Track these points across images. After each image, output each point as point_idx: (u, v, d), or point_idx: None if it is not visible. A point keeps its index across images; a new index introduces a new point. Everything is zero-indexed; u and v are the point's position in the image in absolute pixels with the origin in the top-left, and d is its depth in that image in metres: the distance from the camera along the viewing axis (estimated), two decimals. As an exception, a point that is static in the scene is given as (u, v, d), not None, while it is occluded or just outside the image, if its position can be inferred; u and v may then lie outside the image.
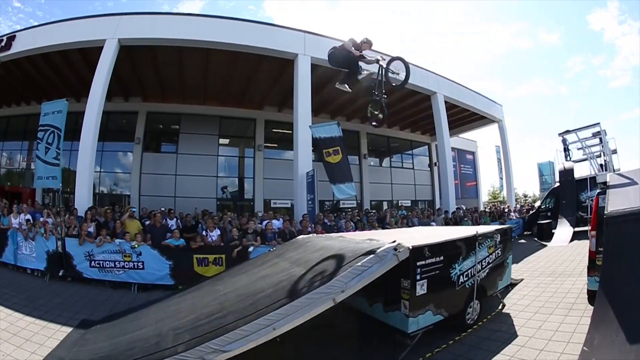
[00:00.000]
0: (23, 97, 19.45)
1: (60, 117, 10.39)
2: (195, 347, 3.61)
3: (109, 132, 14.57)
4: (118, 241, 9.21)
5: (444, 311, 5.13)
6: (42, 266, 9.81)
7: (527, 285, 7.93)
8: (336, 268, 4.36)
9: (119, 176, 18.96)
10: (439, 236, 5.73)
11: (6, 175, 21.17)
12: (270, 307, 3.87)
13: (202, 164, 18.17)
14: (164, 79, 15.74)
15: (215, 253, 9.09)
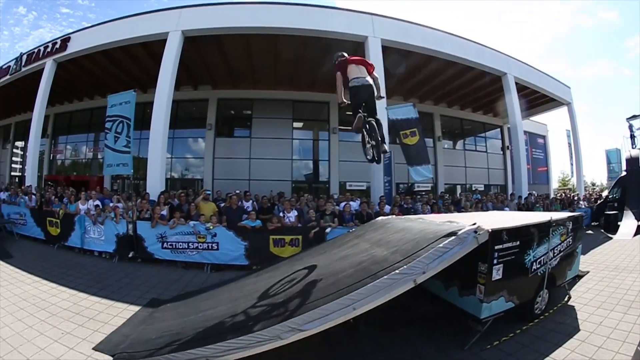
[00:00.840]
0: (86, 92, 20.64)
1: (128, 107, 10.83)
2: (273, 326, 3.58)
3: (179, 120, 15.00)
4: (192, 223, 9.37)
5: (515, 298, 5.02)
6: (111, 248, 10.17)
7: (592, 279, 7.68)
8: (417, 249, 4.22)
9: (190, 161, 19.64)
10: (514, 220, 5.55)
11: (72, 166, 22.83)
12: (352, 287, 3.78)
13: (277, 148, 18.24)
14: (233, 66, 15.89)
15: (292, 234, 9.05)
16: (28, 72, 17.69)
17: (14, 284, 8.07)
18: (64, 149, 23.41)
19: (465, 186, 21.97)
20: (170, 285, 8.00)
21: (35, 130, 16.14)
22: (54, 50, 15.97)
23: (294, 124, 18.98)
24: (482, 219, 5.24)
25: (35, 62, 17.03)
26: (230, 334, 3.76)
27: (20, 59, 18.12)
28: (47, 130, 22.17)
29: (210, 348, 3.68)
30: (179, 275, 8.79)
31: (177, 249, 9.37)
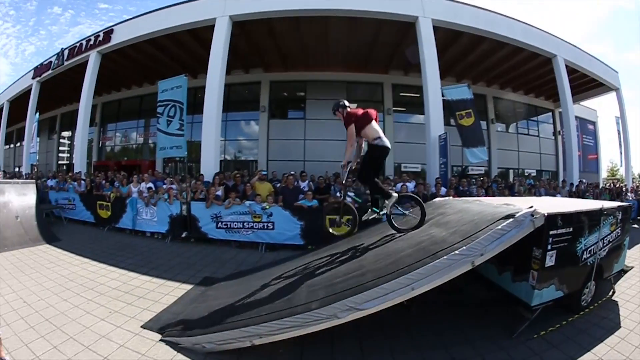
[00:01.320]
0: (134, 80, 21.36)
1: (180, 91, 10.98)
2: (330, 305, 3.55)
3: (232, 103, 15.17)
4: (248, 203, 9.47)
5: (565, 288, 4.85)
6: (164, 229, 10.49)
7: (635, 274, 7.31)
8: (476, 231, 4.12)
9: (243, 143, 19.97)
10: (567, 206, 5.32)
11: (122, 152, 23.66)
12: (412, 267, 3.71)
13: (331, 129, 17.46)
14: (284, 49, 16.04)
15: (347, 214, 8.25)
16: (71, 65, 18.33)
17: (61, 265, 8.18)
18: (113, 136, 24.16)
19: (517, 171, 21.46)
20: (223, 264, 8.04)
21: (82, 119, 16.63)
22: (97, 42, 16.47)
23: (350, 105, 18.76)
24: (537, 204, 5.04)
25: (78, 55, 17.62)
26: (287, 312, 3.75)
27: (61, 54, 18.78)
28: (95, 118, 23.07)
29: (264, 326, 3.69)
30: (233, 255, 8.83)
31: (232, 228, 9.48)
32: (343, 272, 4.47)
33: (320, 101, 18.07)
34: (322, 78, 18.17)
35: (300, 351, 3.98)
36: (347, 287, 3.77)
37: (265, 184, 10.28)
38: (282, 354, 3.93)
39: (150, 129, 21.89)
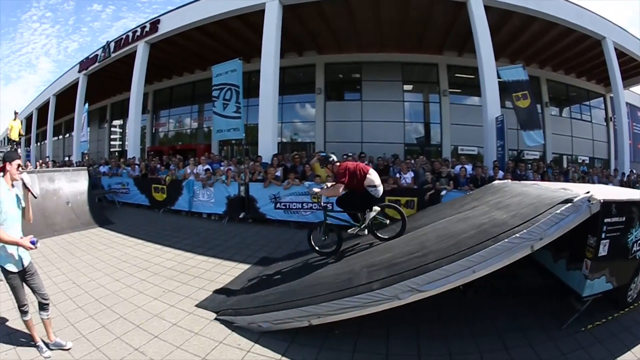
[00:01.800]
0: (185, 68, 21.71)
1: (235, 75, 11.01)
2: (392, 285, 3.49)
3: (287, 86, 15.07)
4: (307, 183, 9.49)
5: (614, 280, 4.53)
6: (221, 210, 10.71)
7: None
8: (535, 214, 3.96)
9: (300, 126, 19.96)
10: (620, 195, 4.98)
11: (175, 137, 24.21)
12: (473, 249, 3.60)
13: (388, 110, 17.84)
14: (336, 30, 15.87)
15: (407, 195, 8.89)
16: (119, 57, 18.87)
17: (114, 247, 8.28)
18: (166, 122, 24.75)
19: (571, 157, 20.74)
20: (281, 245, 8.05)
21: (135, 107, 17.03)
22: (144, 33, 16.87)
23: (404, 86, 18.42)
24: (593, 190, 4.77)
25: (125, 46, 18.11)
26: (348, 292, 3.71)
27: (107, 47, 19.33)
28: (147, 106, 23.63)
29: (324, 306, 3.67)
30: (291, 235, 8.85)
31: (290, 209, 9.61)
32: (404, 252, 4.38)
33: (376, 83, 17.93)
34: (376, 59, 17.84)
35: (357, 333, 3.90)
36: (409, 267, 3.68)
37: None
38: (337, 335, 3.87)
39: (205, 113, 22.28)
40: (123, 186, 13.41)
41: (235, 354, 3.72)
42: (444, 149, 17.75)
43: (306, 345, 3.73)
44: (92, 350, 3.90)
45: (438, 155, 16.91)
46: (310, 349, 3.67)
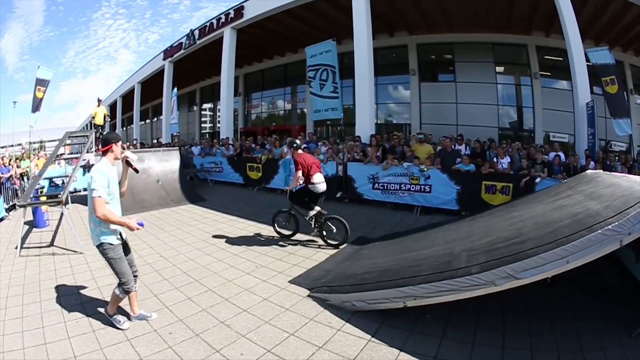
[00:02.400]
0: (274, 51, 22.10)
1: (330, 55, 11.03)
2: (490, 270, 3.34)
3: (379, 67, 14.55)
4: (406, 164, 9.34)
5: None
6: None
7: None
8: (626, 207, 3.61)
9: (394, 107, 19.84)
10: None
11: (269, 118, 24.91)
12: (568, 238, 3.34)
13: (482, 92, 17.31)
14: (424, 10, 15.49)
15: (503, 181, 8.51)
16: (205, 44, 19.50)
17: (206, 222, 8.51)
18: (259, 104, 25.47)
19: None
20: (378, 225, 7.93)
21: (226, 90, 17.65)
22: (228, 20, 17.32)
23: (496, 68, 17.62)
24: None
25: (210, 33, 18.73)
26: (447, 274, 3.57)
27: (192, 35, 20.13)
28: (239, 89, 24.50)
29: (422, 287, 3.57)
30: (388, 216, 8.75)
31: (388, 190, 9.46)
32: (503, 238, 4.22)
33: (469, 64, 17.38)
34: (467, 39, 17.08)
35: (446, 320, 3.76)
36: (508, 253, 3.52)
37: (425, 146, 9.96)
38: (427, 320, 3.75)
39: (298, 95, 22.82)
40: (216, 165, 13.98)
41: (325, 332, 3.68)
42: (536, 135, 16.82)
43: (396, 328, 3.64)
44: (174, 322, 4.00)
45: (531, 141, 16.12)
46: (400, 331, 3.58)
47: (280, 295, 4.53)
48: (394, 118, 19.62)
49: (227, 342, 3.55)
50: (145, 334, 3.73)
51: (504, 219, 5.56)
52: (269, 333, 3.67)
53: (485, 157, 10.00)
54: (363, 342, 3.44)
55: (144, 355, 3.38)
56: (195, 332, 3.74)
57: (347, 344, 3.43)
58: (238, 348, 3.45)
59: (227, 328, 3.80)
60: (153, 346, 3.52)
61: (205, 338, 3.63)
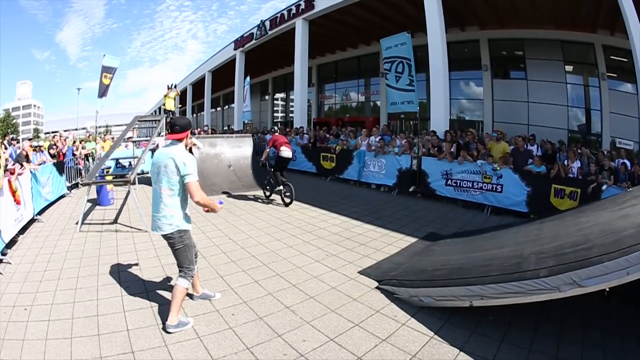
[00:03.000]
0: (348, 42, 22.34)
1: (405, 48, 11.04)
2: (557, 275, 3.25)
3: (452, 62, 14.11)
4: (480, 162, 9.30)
5: None
6: (391, 182, 11.01)
7: None
8: None
9: (466, 103, 19.83)
10: None
11: (342, 109, 25.36)
12: (632, 248, 3.18)
13: (552, 92, 16.70)
14: (493, 4, 15.24)
15: (572, 186, 8.23)
16: (276, 34, 20.11)
17: (277, 209, 8.80)
18: (331, 95, 25.99)
19: None
20: (449, 222, 7.94)
21: (300, 81, 18.07)
22: (299, 11, 17.75)
23: (565, 66, 16.85)
24: None
25: (282, 24, 19.24)
26: (516, 276, 3.51)
27: (262, 26, 20.82)
28: (312, 79, 24.91)
29: (491, 287, 3.55)
30: (459, 214, 8.77)
31: (461, 187, 9.49)
32: (571, 243, 4.13)
33: (539, 61, 16.85)
34: (537, 36, 16.52)
35: (508, 323, 3.70)
36: (575, 259, 3.43)
37: (501, 144, 9.75)
38: (490, 322, 3.71)
39: (371, 87, 23.03)
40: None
41: (389, 325, 3.69)
42: (603, 139, 16.05)
43: (459, 327, 3.62)
44: (238, 303, 4.11)
45: (598, 146, 15.54)
46: (462, 331, 3.56)
47: (349, 285, 4.61)
48: (466, 114, 19.43)
49: (290, 327, 3.63)
50: (206, 314, 3.89)
51: (573, 223, 5.49)
52: (333, 322, 3.74)
53: (555, 160, 9.60)
54: (426, 338, 3.47)
55: (202, 334, 3.51)
56: (258, 315, 3.85)
57: (410, 339, 3.46)
58: (301, 334, 3.51)
59: (292, 313, 3.90)
60: (213, 326, 3.66)
61: (268, 322, 3.73)
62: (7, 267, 5.29)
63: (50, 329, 3.57)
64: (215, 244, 6.14)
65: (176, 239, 3.61)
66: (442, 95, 12.25)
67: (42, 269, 5.16)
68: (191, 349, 3.28)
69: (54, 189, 9.66)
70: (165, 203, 3.55)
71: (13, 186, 6.60)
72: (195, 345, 3.33)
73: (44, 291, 4.41)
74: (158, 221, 3.59)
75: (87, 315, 3.80)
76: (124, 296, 4.24)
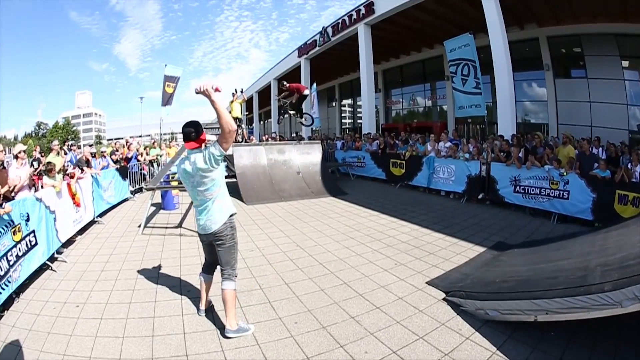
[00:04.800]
0: (411, 46, 22.67)
1: (469, 49, 11.26)
2: (620, 289, 3.09)
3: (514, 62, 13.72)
4: (547, 167, 9.10)
5: None
6: (461, 189, 10.97)
7: None
8: None
9: (529, 105, 19.65)
10: None
11: (409, 114, 25.58)
12: None
13: (610, 90, 16.24)
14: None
15: (635, 191, 7.81)
16: (339, 40, 20.58)
17: (346, 216, 8.91)
18: (398, 100, 26.31)
19: None
20: (516, 231, 7.83)
21: (366, 86, 18.57)
22: (360, 16, 18.17)
23: (622, 62, 16.17)
24: None
25: (344, 30, 19.74)
26: (582, 290, 3.39)
27: (325, 32, 21.39)
28: (378, 85, 25.26)
29: (557, 301, 3.44)
30: (526, 222, 8.64)
31: (529, 194, 9.33)
32: (635, 254, 3.99)
33: (597, 58, 16.46)
34: (591, 31, 16.27)
35: (568, 339, 3.60)
36: (638, 272, 3.25)
37: (568, 147, 9.63)
38: (551, 338, 3.64)
39: (437, 91, 23.15)
40: (359, 160, 14.87)
41: (453, 339, 3.67)
42: None
43: (522, 343, 3.57)
44: (302, 312, 4.16)
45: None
46: (524, 347, 3.51)
47: (416, 295, 4.60)
48: (531, 117, 19.13)
49: (353, 338, 3.65)
50: (268, 321, 3.97)
51: (636, 232, 5.37)
52: (398, 333, 3.74)
53: (619, 164, 9.37)
54: (488, 354, 3.44)
55: (262, 341, 3.57)
56: (322, 325, 3.89)
57: (472, 354, 3.45)
58: (364, 345, 3.52)
59: (357, 324, 3.91)
60: (274, 333, 3.71)
61: (331, 331, 3.76)
62: (62, 265, 5.74)
63: (101, 327, 3.81)
64: (282, 250, 6.32)
65: (228, 235, 3.68)
66: (508, 98, 12.20)
67: (99, 268, 5.52)
68: (249, 355, 3.39)
69: (117, 193, 10.31)
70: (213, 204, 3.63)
71: (72, 189, 7.15)
72: (253, 352, 3.43)
73: (99, 290, 4.69)
74: (208, 221, 3.64)
75: (143, 317, 3.99)
76: (184, 299, 4.42)
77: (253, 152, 11.88)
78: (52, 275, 5.39)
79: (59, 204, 6.46)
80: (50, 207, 6.07)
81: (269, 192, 10.87)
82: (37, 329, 3.82)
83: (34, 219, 5.42)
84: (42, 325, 3.90)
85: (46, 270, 5.56)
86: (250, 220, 8.64)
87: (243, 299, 4.46)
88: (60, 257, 6.03)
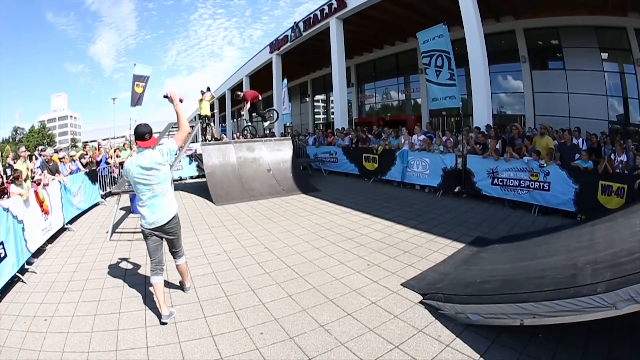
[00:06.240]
0: (384, 40, 22.39)
1: (443, 40, 10.99)
2: (614, 290, 2.89)
3: (489, 55, 13.42)
4: (526, 159, 8.93)
5: None
6: (436, 182, 10.68)
7: None
8: None
9: (505, 97, 19.56)
10: None
11: (383, 109, 25.44)
12: None
13: (589, 81, 16.21)
14: None
15: (619, 181, 7.69)
16: (311, 35, 20.17)
17: (317, 214, 8.57)
18: (372, 95, 26.08)
19: None
20: (496, 225, 7.58)
21: (338, 81, 18.11)
22: (332, 10, 17.78)
23: (601, 54, 16.23)
24: None
25: (315, 25, 19.33)
26: (572, 291, 3.17)
27: (296, 27, 20.92)
28: (351, 79, 25.23)
29: (545, 305, 3.21)
30: (505, 215, 8.43)
31: (508, 186, 9.13)
32: (626, 250, 3.77)
33: (576, 49, 16.36)
34: (570, 23, 16.01)
35: (557, 341, 3.42)
36: (633, 270, 3.05)
37: (546, 138, 9.45)
38: (539, 341, 3.45)
39: (411, 85, 22.96)
40: (331, 155, 14.53)
41: (432, 347, 3.40)
42: None
43: (507, 348, 3.35)
44: (269, 321, 3.93)
45: (638, 137, 14.64)
46: (510, 352, 3.29)
47: (391, 299, 4.35)
48: (507, 109, 19.11)
49: (322, 349, 3.41)
50: (233, 332, 3.74)
51: (625, 226, 5.11)
52: (371, 343, 3.48)
53: (600, 154, 9.45)
54: None
55: (225, 355, 3.36)
56: (289, 335, 3.65)
57: None
58: (333, 357, 3.29)
59: (326, 333, 3.67)
60: (238, 346, 3.49)
61: (299, 342, 3.52)
62: (32, 276, 5.54)
63: (68, 341, 3.67)
64: (250, 253, 6.06)
65: (177, 225, 4.27)
66: (484, 89, 11.87)
67: (67, 279, 5.35)
68: (214, 371, 3.29)
69: (87, 197, 10.03)
70: (162, 198, 4.07)
71: (40, 196, 6.90)
72: (217, 368, 3.32)
73: (66, 302, 4.55)
74: (161, 214, 4.07)
75: (107, 329, 3.86)
76: (147, 310, 4.24)
77: (222, 151, 11.67)
78: (23, 288, 5.22)
79: (27, 212, 6.24)
80: (18, 216, 5.86)
81: (238, 191, 10.66)
82: (10, 345, 3.71)
83: (2, 230, 5.24)
84: (13, 341, 3.78)
85: (17, 283, 5.36)
86: (218, 221, 8.36)
87: (207, 308, 4.28)
88: (30, 268, 5.85)
